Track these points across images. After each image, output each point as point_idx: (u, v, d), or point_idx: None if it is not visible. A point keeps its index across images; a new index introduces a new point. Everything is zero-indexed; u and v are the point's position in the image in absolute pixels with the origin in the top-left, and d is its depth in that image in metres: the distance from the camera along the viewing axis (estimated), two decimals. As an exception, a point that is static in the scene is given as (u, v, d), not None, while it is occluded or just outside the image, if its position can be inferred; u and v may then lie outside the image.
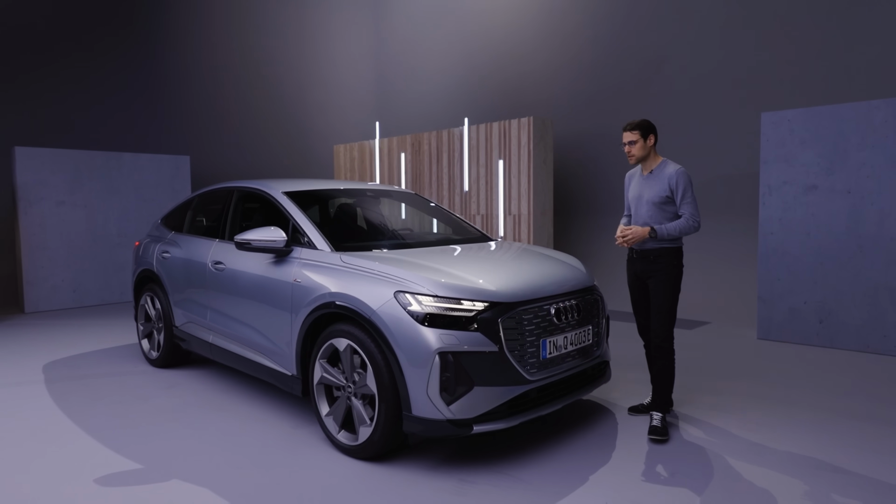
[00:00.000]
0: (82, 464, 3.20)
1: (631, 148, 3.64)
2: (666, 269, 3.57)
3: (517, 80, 9.15)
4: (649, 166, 3.68)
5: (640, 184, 3.71)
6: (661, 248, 3.58)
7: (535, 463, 3.16)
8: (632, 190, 3.79)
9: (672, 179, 3.54)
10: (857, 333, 5.35)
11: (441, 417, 2.92)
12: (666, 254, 3.58)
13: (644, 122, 3.64)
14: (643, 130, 3.61)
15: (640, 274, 3.68)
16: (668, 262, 3.58)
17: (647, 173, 3.68)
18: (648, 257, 3.62)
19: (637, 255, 3.69)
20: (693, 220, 3.51)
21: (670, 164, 3.61)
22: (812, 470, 3.06)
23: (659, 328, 3.59)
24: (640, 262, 3.67)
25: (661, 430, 3.47)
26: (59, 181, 8.04)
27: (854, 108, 5.28)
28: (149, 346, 5.22)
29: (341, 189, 4.57)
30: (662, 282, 3.58)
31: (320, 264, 3.52)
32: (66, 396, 4.33)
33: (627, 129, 3.66)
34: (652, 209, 3.62)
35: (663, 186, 3.57)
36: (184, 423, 3.80)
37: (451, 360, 2.91)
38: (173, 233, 5.11)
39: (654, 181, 3.62)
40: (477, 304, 3.03)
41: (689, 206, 3.53)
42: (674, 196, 3.55)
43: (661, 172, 3.60)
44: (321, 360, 3.39)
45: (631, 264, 3.77)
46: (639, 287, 3.75)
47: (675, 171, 3.55)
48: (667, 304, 3.57)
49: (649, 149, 3.63)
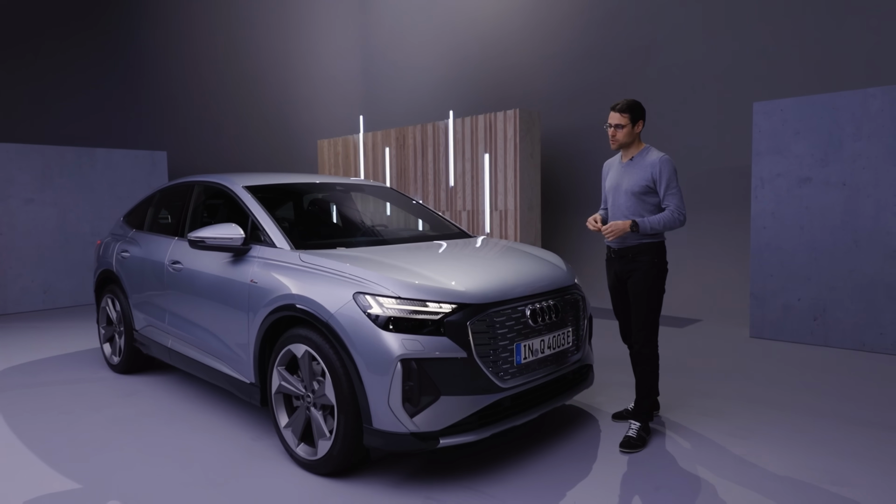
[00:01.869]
0: (12, 483, 2.94)
1: (616, 132, 3.29)
2: (646, 267, 3.29)
3: (503, 73, 8.90)
4: (630, 153, 3.37)
5: (620, 172, 3.39)
6: (641, 245, 3.29)
7: (508, 478, 2.91)
8: (610, 180, 3.47)
9: (655, 168, 3.23)
10: (853, 331, 5.13)
11: (404, 430, 2.67)
12: (647, 250, 3.29)
13: (634, 103, 3.29)
14: (633, 114, 3.27)
15: (620, 274, 3.39)
16: (649, 259, 3.29)
17: (628, 160, 3.36)
18: (627, 255, 3.33)
19: (615, 254, 3.41)
20: (678, 212, 3.22)
21: (653, 151, 3.31)
22: (809, 484, 2.82)
23: (639, 332, 3.31)
24: (618, 262, 3.39)
25: (635, 442, 3.21)
26: (27, 178, 7.73)
27: (849, 96, 5.05)
28: (110, 351, 4.95)
29: (308, 183, 4.31)
30: (642, 281, 3.29)
31: (278, 263, 3.26)
32: (14, 406, 4.06)
33: (616, 109, 3.29)
34: (631, 200, 3.31)
35: (645, 175, 3.26)
36: (135, 435, 3.54)
37: (414, 367, 2.65)
38: (134, 231, 4.84)
39: (635, 169, 3.31)
40: (444, 307, 2.78)
41: (673, 197, 3.23)
42: (656, 186, 3.25)
43: (643, 160, 3.30)
44: (279, 367, 3.13)
45: (610, 264, 3.49)
46: (619, 289, 3.46)
47: (659, 158, 3.24)
48: (647, 306, 3.28)
49: (635, 135, 3.31)
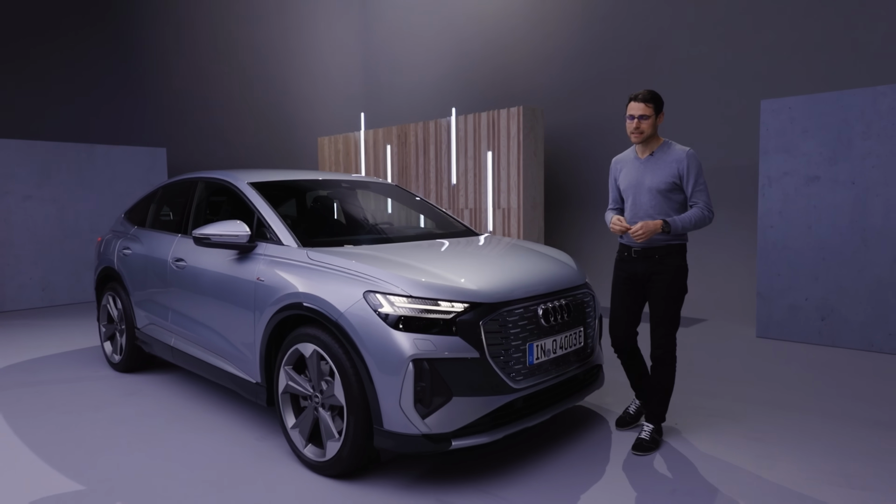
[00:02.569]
0: (15, 485, 2.88)
1: (641, 123, 3.07)
2: (674, 270, 3.12)
3: (506, 70, 8.84)
4: (650, 148, 3.17)
5: (639, 169, 3.19)
6: (670, 246, 3.12)
7: (520, 480, 2.86)
8: (625, 177, 3.25)
9: (682, 164, 3.07)
10: (861, 331, 5.09)
11: (416, 432, 2.61)
12: (675, 252, 3.13)
13: (656, 93, 3.11)
14: (656, 104, 3.08)
15: (641, 276, 3.18)
16: (676, 261, 3.13)
17: (647, 156, 3.17)
18: (653, 256, 3.12)
19: (637, 255, 3.17)
20: (708, 210, 3.07)
21: (676, 146, 3.14)
22: (827, 486, 2.78)
23: (663, 337, 3.15)
24: (641, 262, 3.16)
25: (648, 445, 3.15)
26: (26, 174, 7.65)
27: (859, 94, 5.00)
28: (111, 350, 4.88)
29: (314, 180, 4.24)
30: (670, 285, 3.11)
31: (285, 261, 3.20)
32: (15, 405, 4.00)
33: (639, 99, 3.07)
34: (656, 198, 3.11)
35: (670, 171, 3.08)
36: (139, 435, 3.48)
37: (426, 367, 2.60)
38: (136, 227, 4.77)
39: (659, 165, 3.12)
40: (456, 306, 2.72)
41: (702, 194, 3.08)
42: (682, 183, 3.09)
43: (667, 155, 3.12)
44: (286, 367, 3.07)
45: (626, 264, 3.25)
46: (633, 291, 3.24)
47: (686, 153, 3.08)
48: (673, 310, 3.14)
49: (656, 128, 3.14)
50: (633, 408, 3.51)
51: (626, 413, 3.53)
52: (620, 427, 3.45)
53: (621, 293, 3.28)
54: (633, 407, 3.53)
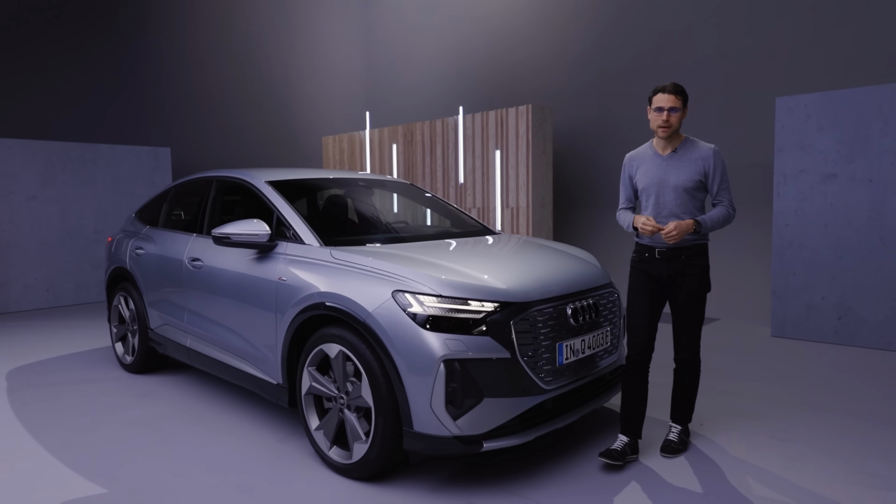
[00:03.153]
0: (36, 488, 2.82)
1: (671, 116, 2.93)
2: (701, 271, 3.02)
3: (514, 68, 8.80)
4: (672, 144, 3.03)
5: (661, 166, 3.03)
6: (696, 246, 3.01)
7: (550, 482, 2.82)
8: (646, 175, 3.06)
9: (709, 161, 2.97)
10: (879, 331, 5.06)
11: (447, 433, 2.57)
12: (701, 252, 3.03)
13: (682, 86, 3.00)
14: (685, 97, 2.96)
15: (666, 279, 3.02)
16: (702, 262, 3.03)
17: (670, 152, 3.03)
18: (679, 258, 2.98)
19: (662, 256, 3.00)
20: (732, 208, 3.02)
21: (700, 143, 3.04)
22: (863, 489, 2.74)
23: (690, 341, 3.09)
24: (666, 265, 2.99)
25: (676, 447, 3.08)
26: (30, 174, 7.58)
27: (876, 91, 4.97)
28: (123, 350, 4.82)
29: (331, 179, 4.20)
30: (698, 287, 3.01)
31: (308, 260, 3.15)
32: (29, 407, 3.94)
33: (669, 91, 2.92)
34: (682, 197, 2.98)
35: (697, 169, 2.97)
36: (156, 437, 3.42)
37: (457, 368, 2.55)
38: (148, 227, 4.72)
39: (683, 162, 2.99)
40: (486, 305, 2.68)
41: (727, 192, 3.01)
42: (707, 181, 3.00)
43: (691, 152, 3.00)
44: (310, 368, 3.02)
45: (649, 266, 3.04)
46: (657, 295, 3.05)
47: (712, 151, 2.99)
48: (702, 311, 3.05)
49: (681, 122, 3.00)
50: (620, 444, 3.01)
51: (611, 450, 2.97)
52: (607, 458, 2.92)
53: (643, 297, 3.05)
54: (619, 443, 3.01)
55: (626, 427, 3.05)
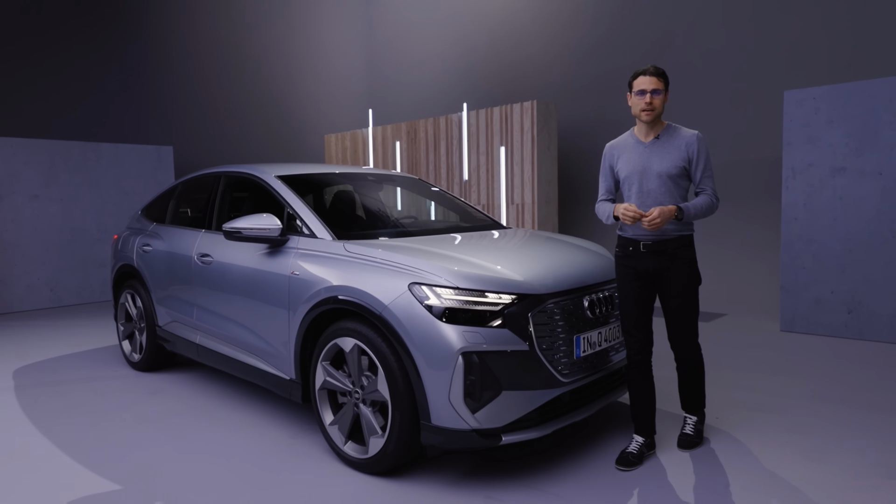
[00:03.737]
0: (52, 485, 2.79)
1: (654, 99, 2.81)
2: (689, 263, 2.89)
3: (518, 64, 8.77)
4: (655, 130, 2.91)
5: (643, 154, 2.90)
6: (682, 237, 2.87)
7: (569, 475, 2.79)
8: (627, 163, 2.93)
9: (692, 147, 2.85)
10: (890, 324, 5.04)
11: (465, 427, 2.54)
12: (687, 244, 2.90)
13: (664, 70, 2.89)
14: (666, 79, 2.85)
15: (653, 273, 2.88)
16: (689, 254, 2.90)
17: (652, 139, 2.90)
18: (665, 250, 2.85)
19: (647, 249, 2.86)
20: (715, 196, 2.90)
21: (683, 129, 2.92)
22: (886, 480, 2.71)
23: (690, 336, 2.96)
24: (652, 258, 2.86)
25: (693, 440, 3.01)
26: (32, 174, 7.54)
27: (886, 83, 4.95)
28: (130, 349, 4.79)
29: (340, 174, 4.17)
30: (687, 280, 2.88)
31: (321, 254, 3.12)
32: (38, 405, 3.90)
33: (650, 73, 2.82)
34: (666, 184, 2.85)
35: (680, 155, 2.85)
36: (168, 434, 3.39)
37: (476, 361, 2.52)
38: (155, 224, 4.68)
39: (666, 149, 2.86)
40: (504, 297, 2.65)
41: (710, 180, 2.89)
42: (690, 167, 2.87)
43: (674, 138, 2.88)
44: (324, 363, 2.99)
45: (634, 261, 2.91)
46: (646, 290, 2.92)
47: (696, 136, 2.87)
48: (695, 306, 2.93)
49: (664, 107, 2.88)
50: (636, 446, 2.93)
51: (627, 453, 2.91)
52: (621, 466, 2.85)
53: (632, 295, 2.91)
54: (634, 445, 2.94)
55: (639, 426, 2.98)
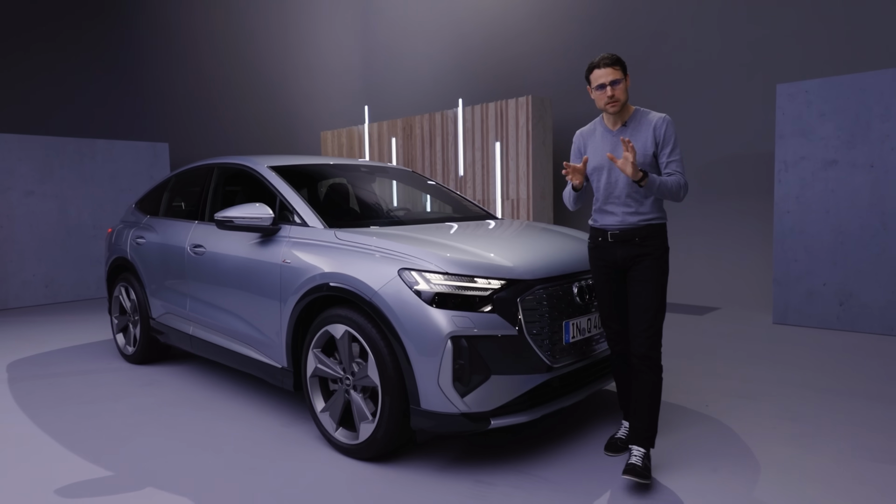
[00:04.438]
0: (43, 472, 2.80)
1: (615, 90, 2.67)
2: (658, 253, 2.70)
3: (513, 59, 8.79)
4: (622, 117, 2.77)
5: (611, 142, 2.76)
6: (651, 226, 2.70)
7: (559, 460, 2.81)
8: (595, 153, 2.80)
9: (659, 129, 2.69)
10: (881, 316, 5.07)
11: (455, 411, 2.56)
12: (656, 233, 2.71)
13: (618, 55, 2.73)
14: (623, 66, 2.71)
15: (621, 263, 2.74)
16: (659, 242, 2.71)
17: (620, 127, 2.76)
18: (633, 239, 2.69)
19: (615, 239, 2.73)
20: (683, 180, 2.68)
21: (651, 113, 2.77)
22: (873, 464, 2.74)
23: (647, 333, 2.64)
24: (620, 248, 2.72)
25: (642, 471, 2.53)
26: (27, 170, 7.54)
27: (877, 76, 4.98)
28: (124, 341, 4.80)
29: (333, 165, 4.18)
30: (654, 272, 2.67)
31: (312, 242, 3.14)
32: (30, 397, 3.91)
33: (606, 64, 2.68)
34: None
35: (647, 141, 2.69)
36: (161, 423, 3.40)
37: (465, 345, 2.54)
38: (149, 217, 4.69)
39: (634, 136, 2.72)
40: (493, 283, 2.67)
41: (678, 163, 2.69)
42: (658, 150, 2.71)
43: (642, 124, 2.73)
44: (315, 350, 3.01)
45: (603, 252, 2.79)
46: (617, 281, 2.79)
47: (662, 118, 2.71)
48: (659, 299, 2.68)
49: (627, 93, 2.73)
50: (624, 432, 2.97)
51: (615, 439, 2.95)
52: (610, 452, 2.89)
53: (604, 286, 2.82)
54: (622, 431, 2.98)
55: (628, 413, 2.93)
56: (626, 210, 2.71)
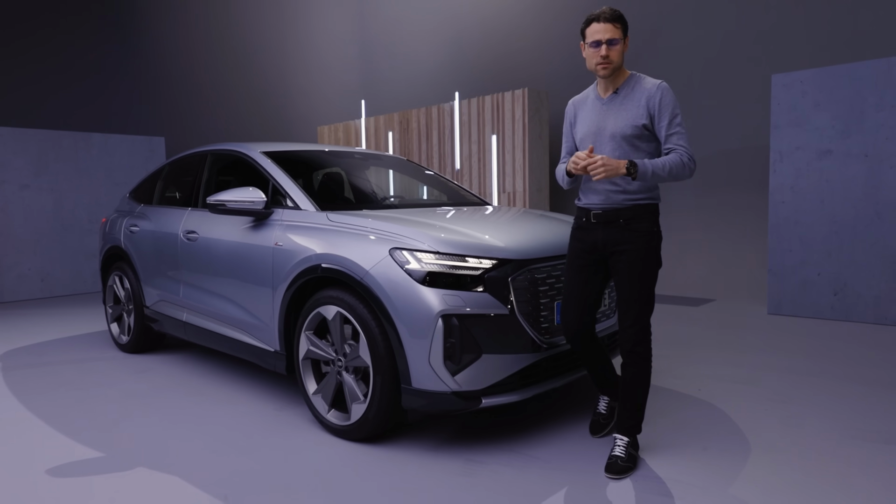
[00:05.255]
0: (35, 453, 2.80)
1: (611, 51, 2.40)
2: (645, 239, 2.44)
3: (509, 54, 8.79)
4: (614, 83, 2.50)
5: (599, 111, 2.51)
6: (637, 207, 2.44)
7: (551, 440, 2.81)
8: (584, 122, 2.56)
9: (653, 98, 2.41)
10: (875, 305, 5.07)
11: (446, 389, 2.55)
12: (644, 215, 2.45)
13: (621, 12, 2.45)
14: (625, 25, 2.43)
15: (602, 247, 2.50)
16: (648, 227, 2.46)
17: (611, 94, 2.50)
18: (616, 221, 2.45)
19: (598, 220, 2.48)
20: (688, 156, 2.38)
21: (647, 79, 2.48)
22: (861, 442, 2.74)
23: (633, 328, 2.46)
24: (602, 230, 2.48)
25: (624, 465, 2.44)
26: (22, 163, 7.53)
27: (872, 66, 4.98)
28: (118, 331, 4.79)
29: (326, 151, 4.18)
30: (640, 259, 2.43)
31: (305, 225, 3.14)
32: (24, 383, 3.91)
33: (605, 19, 2.40)
34: (622, 148, 2.45)
35: (638, 111, 2.42)
36: (153, 407, 3.40)
37: (455, 323, 2.54)
38: (142, 206, 4.69)
39: (624, 105, 2.46)
40: (484, 262, 2.66)
41: (680, 136, 2.40)
42: (653, 123, 2.42)
43: (635, 91, 2.46)
44: (307, 332, 3.00)
45: (584, 233, 2.55)
46: (592, 266, 2.56)
47: (657, 85, 2.43)
48: (645, 290, 2.45)
49: (623, 58, 2.45)
50: (604, 406, 2.88)
51: (597, 415, 2.87)
52: (596, 434, 2.83)
53: (577, 269, 2.60)
54: (602, 405, 2.88)
55: (600, 384, 2.83)
56: (612, 188, 2.45)
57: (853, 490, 2.29)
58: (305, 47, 11.31)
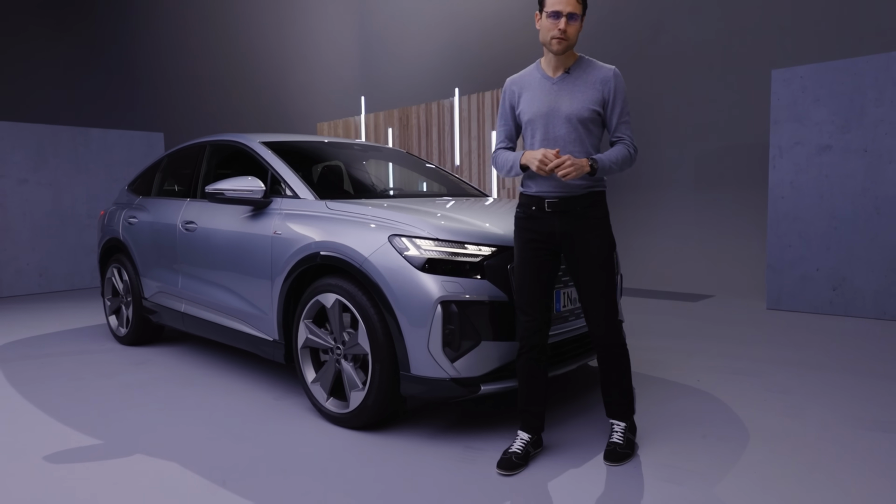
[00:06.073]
0: (32, 441, 2.79)
1: (569, 26, 2.30)
2: (603, 225, 2.41)
3: (508, 50, 8.79)
4: (565, 63, 2.41)
5: (550, 91, 2.40)
6: (593, 194, 2.40)
7: (551, 426, 2.80)
8: (532, 103, 2.42)
9: (608, 84, 2.38)
10: (874, 300, 5.07)
11: (444, 376, 2.55)
12: (598, 202, 2.42)
13: None
14: (585, 4, 2.34)
15: (559, 238, 2.39)
16: (601, 213, 2.42)
17: (561, 74, 2.41)
18: (573, 210, 2.37)
19: (554, 209, 2.37)
20: (633, 147, 2.44)
21: (599, 63, 2.44)
22: (860, 431, 2.74)
23: (606, 318, 2.39)
24: (558, 219, 2.38)
25: (623, 451, 2.42)
26: (20, 157, 7.51)
27: (871, 61, 4.99)
28: (117, 323, 4.78)
29: (326, 142, 4.18)
30: (601, 247, 2.38)
31: (304, 213, 3.13)
32: (21, 374, 3.89)
33: None
34: (577, 130, 2.37)
35: (594, 96, 2.37)
36: (151, 397, 3.39)
37: (454, 310, 2.53)
38: (141, 197, 4.68)
39: (578, 87, 2.38)
40: (483, 249, 2.66)
41: (627, 126, 2.44)
42: (606, 111, 2.41)
43: (588, 74, 2.40)
44: (306, 321, 3.00)
45: (537, 223, 2.41)
46: (547, 262, 2.43)
47: (612, 72, 2.40)
48: (609, 280, 2.39)
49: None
50: (520, 446, 2.43)
51: (509, 454, 2.40)
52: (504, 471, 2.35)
53: (531, 266, 2.43)
54: (518, 445, 2.44)
55: (527, 423, 2.49)
56: None
57: (850, 476, 2.29)
58: (305, 44, 11.31)
